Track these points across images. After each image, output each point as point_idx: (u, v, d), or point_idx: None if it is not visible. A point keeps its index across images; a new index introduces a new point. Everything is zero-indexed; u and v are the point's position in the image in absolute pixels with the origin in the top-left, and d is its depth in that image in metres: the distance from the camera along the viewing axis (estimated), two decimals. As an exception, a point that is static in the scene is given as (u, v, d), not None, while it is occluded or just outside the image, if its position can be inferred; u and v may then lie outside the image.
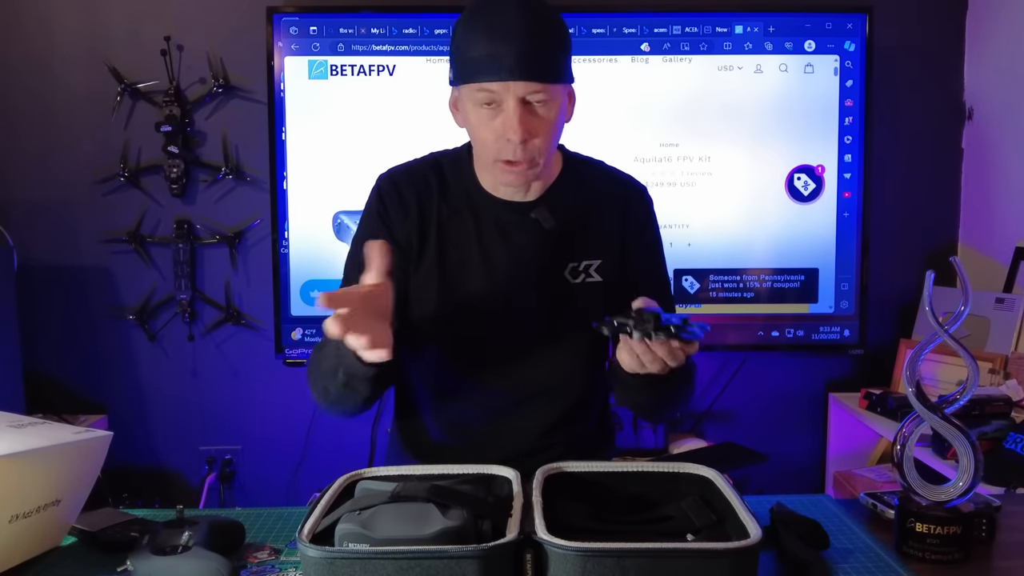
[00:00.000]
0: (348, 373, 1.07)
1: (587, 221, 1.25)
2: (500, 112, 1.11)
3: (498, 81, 1.09)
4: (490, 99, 1.11)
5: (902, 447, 1.00)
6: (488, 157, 1.16)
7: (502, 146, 1.12)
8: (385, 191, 1.24)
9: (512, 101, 1.10)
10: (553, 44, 1.12)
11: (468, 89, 1.12)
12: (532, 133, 1.11)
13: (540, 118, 1.12)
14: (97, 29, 2.49)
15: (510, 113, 1.10)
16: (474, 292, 1.22)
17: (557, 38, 1.13)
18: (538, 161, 1.15)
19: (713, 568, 0.77)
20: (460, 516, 0.83)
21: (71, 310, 2.57)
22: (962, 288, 0.99)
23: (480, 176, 1.24)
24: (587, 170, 1.30)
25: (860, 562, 0.96)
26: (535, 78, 1.09)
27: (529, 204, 1.23)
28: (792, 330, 2.47)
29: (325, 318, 0.93)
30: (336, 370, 1.08)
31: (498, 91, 1.10)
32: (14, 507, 0.91)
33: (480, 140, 1.16)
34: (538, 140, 1.12)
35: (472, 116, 1.14)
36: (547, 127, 1.13)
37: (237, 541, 1.02)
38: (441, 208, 1.23)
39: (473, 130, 1.16)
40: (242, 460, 2.65)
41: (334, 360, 1.08)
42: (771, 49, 2.40)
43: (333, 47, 2.37)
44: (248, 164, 2.54)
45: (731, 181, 2.43)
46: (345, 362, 1.05)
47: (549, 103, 1.12)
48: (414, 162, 1.28)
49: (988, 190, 2.55)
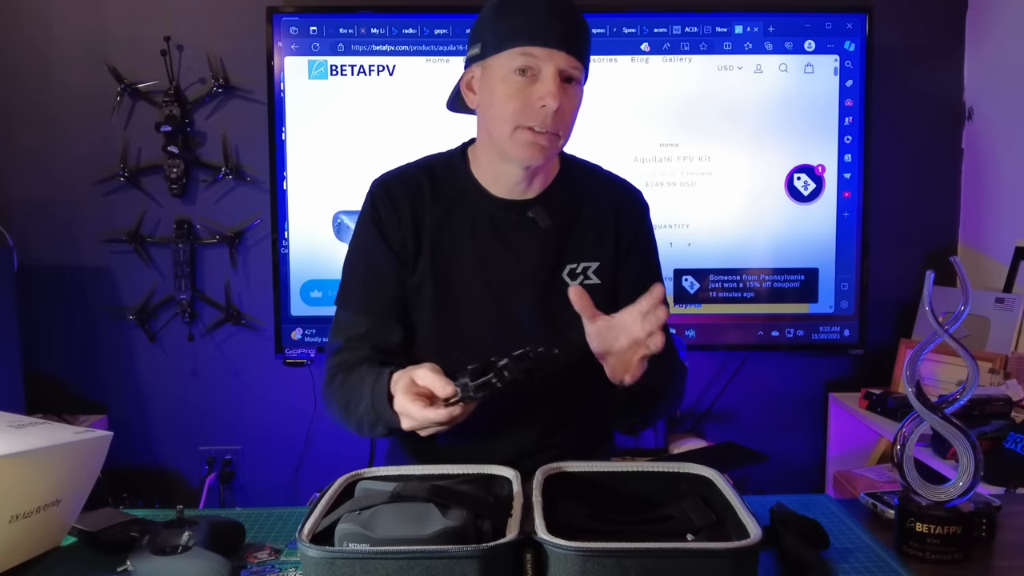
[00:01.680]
0: (388, 427, 1.10)
1: (583, 223, 1.25)
2: (535, 81, 1.13)
3: (544, 47, 1.11)
4: (528, 65, 1.12)
5: (902, 447, 1.00)
6: (507, 128, 1.15)
7: (532, 112, 1.13)
8: (378, 197, 1.24)
9: (552, 69, 1.12)
10: (587, 33, 1.17)
11: (506, 56, 1.13)
12: (564, 105, 1.13)
13: (571, 95, 1.15)
14: (97, 29, 2.49)
15: (548, 80, 1.12)
16: (470, 291, 1.22)
17: (588, 31, 1.18)
18: (560, 136, 1.16)
19: (713, 568, 0.77)
20: (460, 516, 0.83)
21: (71, 310, 2.57)
22: (962, 288, 0.98)
23: (478, 172, 1.24)
24: (583, 173, 1.30)
25: (860, 562, 0.96)
26: (576, 54, 1.13)
27: (526, 203, 1.23)
28: (792, 330, 2.47)
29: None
30: (375, 423, 1.12)
31: (541, 57, 1.12)
32: (14, 507, 0.91)
33: (504, 111, 1.14)
34: (567, 115, 1.15)
35: (501, 86, 1.14)
36: (574, 106, 1.16)
37: (237, 541, 1.02)
38: (434, 211, 1.23)
39: (499, 101, 1.15)
40: (242, 460, 2.65)
41: (372, 415, 1.11)
42: (771, 49, 2.40)
43: (333, 47, 2.37)
44: (248, 164, 2.54)
45: (731, 181, 2.43)
46: (384, 418, 1.08)
47: (577, 86, 1.16)
48: (406, 167, 1.28)
49: (988, 190, 2.55)
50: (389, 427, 1.09)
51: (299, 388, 2.59)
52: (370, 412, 1.11)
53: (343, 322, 1.23)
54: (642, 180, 2.40)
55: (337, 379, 1.20)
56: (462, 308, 1.22)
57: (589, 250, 1.25)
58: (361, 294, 1.23)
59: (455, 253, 1.22)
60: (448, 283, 1.22)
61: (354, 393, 1.15)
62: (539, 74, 1.12)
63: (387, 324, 1.22)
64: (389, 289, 1.22)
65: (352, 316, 1.23)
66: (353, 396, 1.15)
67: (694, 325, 2.45)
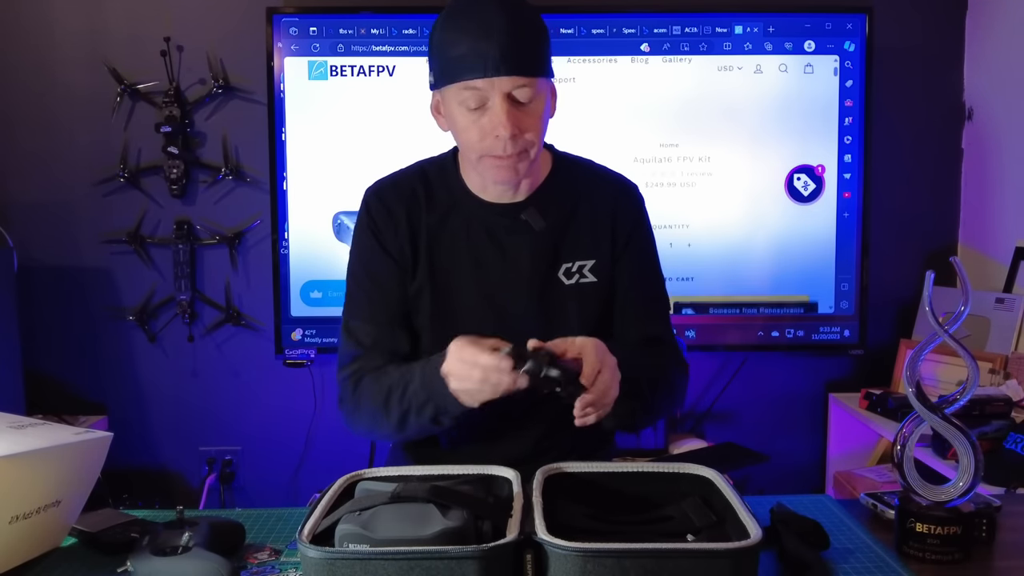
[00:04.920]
0: (438, 409, 1.10)
1: (578, 221, 1.25)
2: (486, 111, 1.11)
3: (483, 78, 1.09)
4: (476, 97, 1.11)
5: (902, 447, 1.00)
6: (475, 156, 1.15)
7: (490, 143, 1.12)
8: (373, 206, 1.24)
9: (498, 97, 1.10)
10: (534, 38, 1.12)
11: (453, 90, 1.12)
12: (521, 128, 1.11)
13: (527, 113, 1.12)
14: (97, 29, 2.49)
15: (497, 109, 1.10)
16: (467, 298, 1.22)
17: (537, 32, 1.13)
18: (529, 153, 1.15)
19: (713, 568, 0.77)
20: (460, 517, 0.83)
21: (71, 311, 2.57)
22: (962, 288, 0.98)
23: (467, 179, 1.24)
24: (577, 170, 1.29)
25: (860, 562, 0.96)
26: (520, 72, 1.09)
27: (518, 205, 1.23)
28: (792, 330, 2.47)
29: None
30: (424, 405, 1.11)
31: (483, 88, 1.10)
32: (14, 508, 0.91)
33: (467, 140, 1.15)
34: (528, 134, 1.13)
35: (458, 117, 1.14)
36: (534, 121, 1.13)
37: (237, 542, 1.02)
38: (430, 217, 1.23)
39: (459, 131, 1.16)
40: (242, 461, 2.65)
41: (422, 394, 1.10)
42: (771, 49, 2.40)
43: (333, 48, 2.37)
44: (248, 165, 2.54)
45: (731, 181, 2.43)
46: (437, 396, 1.08)
47: (535, 98, 1.12)
48: (400, 173, 1.28)
49: (988, 190, 2.55)
50: (439, 408, 1.09)
51: (299, 389, 2.59)
52: (419, 392, 1.11)
53: (354, 333, 1.23)
54: (642, 180, 2.38)
55: (364, 382, 1.19)
56: (460, 314, 1.22)
57: (584, 249, 1.24)
58: (367, 303, 1.23)
59: (451, 259, 1.22)
60: (446, 289, 1.22)
61: (396, 382, 1.15)
62: (488, 102, 1.11)
63: (396, 331, 1.22)
64: (393, 296, 1.22)
65: (363, 326, 1.22)
66: (395, 386, 1.15)
67: (694, 325, 2.45)
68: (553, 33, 1.18)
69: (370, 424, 1.20)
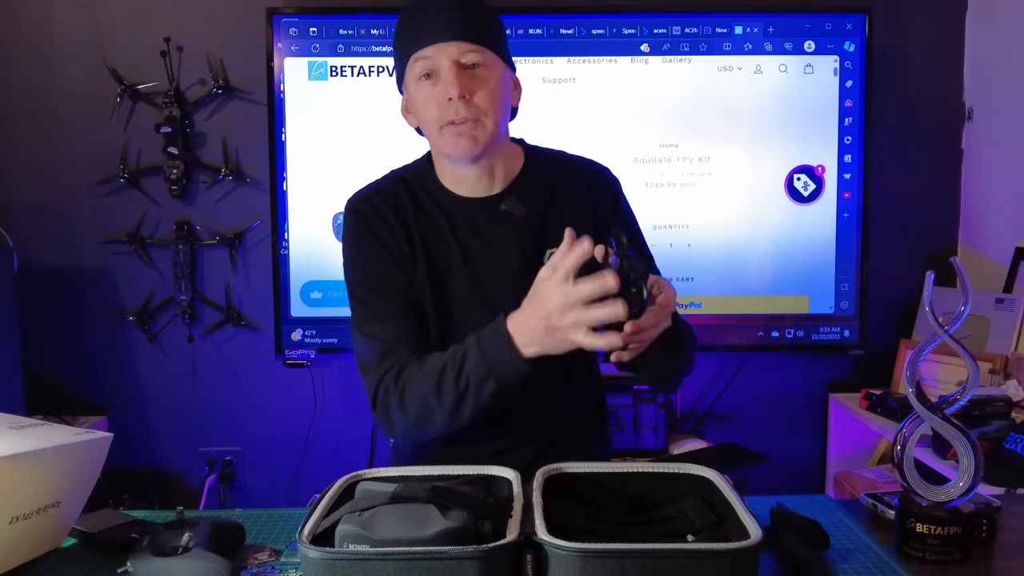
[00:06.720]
0: (500, 381, 1.06)
1: (558, 206, 1.26)
2: (439, 80, 1.15)
3: (430, 44, 1.14)
4: (427, 66, 1.15)
5: (902, 447, 1.00)
6: (434, 130, 1.18)
7: (444, 109, 1.15)
8: (363, 211, 1.24)
9: (446, 62, 1.14)
10: (479, 12, 1.17)
11: (409, 68, 1.18)
12: (470, 90, 1.14)
13: (475, 78, 1.16)
14: (97, 30, 2.49)
15: (446, 73, 1.14)
16: (461, 296, 1.23)
17: (483, 9, 1.18)
18: (484, 121, 1.16)
19: (713, 569, 0.77)
20: (460, 517, 0.83)
21: (71, 311, 2.57)
22: (962, 288, 0.98)
23: (443, 178, 1.26)
24: (549, 160, 1.31)
25: (860, 562, 0.96)
26: (464, 38, 1.14)
27: (496, 197, 1.24)
28: (792, 330, 2.47)
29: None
30: (485, 380, 1.06)
31: (433, 56, 1.15)
32: (14, 508, 0.91)
33: (426, 117, 1.18)
34: (478, 97, 1.15)
35: (416, 95, 1.18)
36: (486, 87, 1.16)
37: (237, 542, 1.02)
38: (417, 218, 1.24)
39: (421, 111, 1.19)
40: (242, 461, 2.65)
41: (482, 369, 1.06)
42: (771, 50, 2.40)
43: (333, 48, 2.37)
44: (248, 165, 2.54)
45: (731, 181, 2.43)
46: (500, 365, 1.04)
47: (485, 67, 1.16)
48: (379, 182, 1.29)
49: (988, 190, 2.55)
50: (500, 380, 1.05)
51: (299, 389, 2.60)
52: (479, 367, 1.06)
53: (375, 335, 1.19)
54: (642, 180, 2.39)
55: (405, 374, 1.14)
56: (456, 311, 1.23)
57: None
58: (380, 303, 1.21)
59: (443, 258, 1.23)
60: (441, 288, 1.23)
61: (448, 365, 1.10)
62: (439, 72, 1.15)
63: (417, 323, 1.21)
64: (404, 290, 1.22)
65: (382, 325, 1.19)
66: (447, 368, 1.10)
67: (694, 325, 2.44)
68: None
69: (417, 417, 1.13)
